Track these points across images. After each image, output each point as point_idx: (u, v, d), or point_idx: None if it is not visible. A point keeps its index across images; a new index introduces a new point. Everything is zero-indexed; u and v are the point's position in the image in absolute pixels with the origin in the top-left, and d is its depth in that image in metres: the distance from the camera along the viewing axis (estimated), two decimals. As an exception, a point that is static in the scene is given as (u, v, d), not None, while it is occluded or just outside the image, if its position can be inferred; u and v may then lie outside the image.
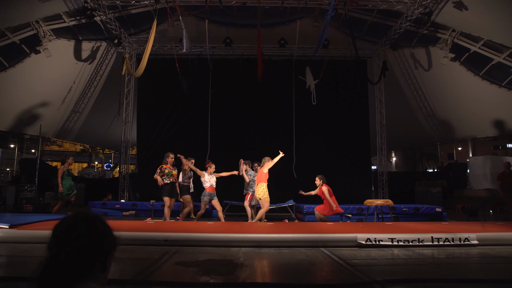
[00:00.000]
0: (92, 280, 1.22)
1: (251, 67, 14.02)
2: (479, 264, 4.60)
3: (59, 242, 1.23)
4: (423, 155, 34.90)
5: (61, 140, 31.47)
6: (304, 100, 14.47)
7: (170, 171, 9.53)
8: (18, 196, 13.26)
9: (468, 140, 21.44)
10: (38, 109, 15.12)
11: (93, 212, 1.35)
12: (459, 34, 13.19)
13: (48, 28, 13.09)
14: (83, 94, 16.17)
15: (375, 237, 5.40)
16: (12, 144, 31.20)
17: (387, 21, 13.72)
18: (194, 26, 13.92)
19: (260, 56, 12.80)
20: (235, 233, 5.95)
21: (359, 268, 4.07)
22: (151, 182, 14.14)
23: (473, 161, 18.67)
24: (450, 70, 14.27)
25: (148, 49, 11.66)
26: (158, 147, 14.48)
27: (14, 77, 13.44)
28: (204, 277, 3.67)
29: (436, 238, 5.41)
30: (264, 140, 14.29)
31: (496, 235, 5.86)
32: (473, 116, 15.35)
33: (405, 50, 15.01)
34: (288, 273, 4.01)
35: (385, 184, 15.07)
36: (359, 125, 15.35)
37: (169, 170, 9.52)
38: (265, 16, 13.19)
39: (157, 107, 15.10)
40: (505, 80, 13.23)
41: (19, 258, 4.73)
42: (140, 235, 5.69)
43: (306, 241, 5.55)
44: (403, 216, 11.15)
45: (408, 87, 16.18)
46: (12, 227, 5.82)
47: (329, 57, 13.72)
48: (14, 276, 3.59)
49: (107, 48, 15.15)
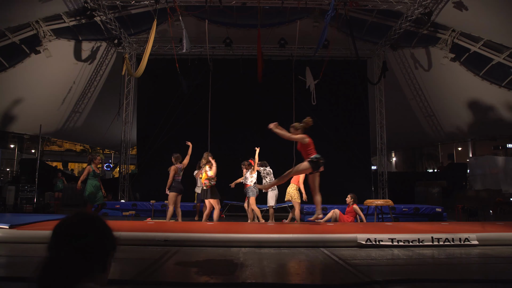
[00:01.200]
0: (92, 281, 1.22)
1: (251, 67, 14.02)
2: (479, 265, 4.60)
3: (59, 242, 1.23)
4: (423, 155, 34.89)
5: (61, 140, 31.53)
6: (304, 100, 14.47)
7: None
8: (18, 196, 13.27)
9: (468, 140, 21.46)
10: (38, 109, 15.12)
11: (93, 212, 1.35)
12: (459, 34, 13.20)
13: (48, 28, 13.10)
14: (83, 94, 16.18)
15: (375, 237, 5.40)
16: (12, 144, 31.20)
17: (387, 21, 13.73)
18: (194, 26, 13.93)
19: (260, 56, 12.80)
20: (235, 233, 5.94)
21: (359, 268, 4.06)
22: (151, 182, 14.17)
23: (473, 161, 18.69)
24: (450, 70, 14.28)
25: (148, 49, 11.67)
26: (158, 147, 14.49)
27: (14, 77, 13.45)
28: (204, 277, 3.67)
29: (436, 238, 5.40)
30: (264, 141, 14.27)
31: (496, 235, 5.85)
32: (473, 116, 15.36)
33: (405, 50, 15.02)
34: (288, 273, 4.00)
35: (385, 184, 15.07)
36: (359, 125, 15.35)
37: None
38: (265, 16, 13.20)
39: (157, 107, 15.10)
40: (505, 80, 13.24)
41: (19, 258, 4.73)
42: (140, 235, 5.68)
43: (306, 241, 5.55)
44: (403, 216, 11.15)
45: (408, 87, 16.18)
46: (12, 227, 5.82)
47: (329, 57, 13.73)
48: (14, 277, 3.59)
49: (107, 48, 15.16)
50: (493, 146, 26.96)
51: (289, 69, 15.00)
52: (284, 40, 14.37)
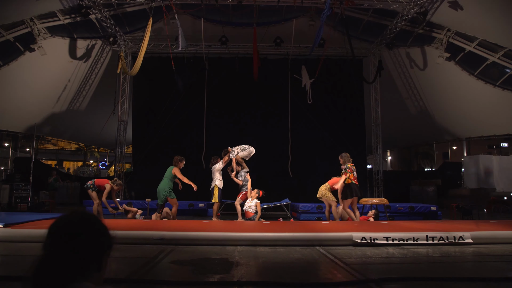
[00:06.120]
0: (87, 279, 1.22)
1: (247, 66, 14.01)
2: (473, 263, 4.63)
3: (54, 241, 1.23)
4: (418, 154, 35.08)
5: (56, 138, 31.40)
6: (300, 99, 14.48)
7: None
8: (12, 195, 13.18)
9: (463, 139, 21.57)
10: (32, 107, 15.02)
11: (88, 211, 1.35)
12: (454, 33, 13.25)
13: (42, 26, 13.00)
14: (78, 93, 16.09)
15: (370, 235, 5.42)
16: (7, 143, 31.04)
17: (382, 21, 13.76)
18: (189, 24, 13.89)
19: (256, 55, 12.79)
20: (230, 232, 5.95)
21: (354, 266, 4.08)
22: (146, 181, 14.12)
23: (468, 160, 18.80)
24: (445, 69, 14.33)
25: (143, 48, 11.62)
26: (153, 145, 14.45)
27: (8, 76, 13.34)
28: (199, 275, 3.67)
29: (431, 237, 5.44)
30: (259, 139, 14.29)
31: (490, 234, 5.89)
32: (468, 115, 15.44)
33: (400, 50, 15.06)
34: (284, 271, 4.01)
35: (380, 183, 15.12)
36: (355, 124, 15.39)
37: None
38: (261, 15, 13.19)
39: (153, 105, 15.06)
40: (500, 79, 13.31)
41: (14, 257, 4.70)
42: (135, 234, 5.67)
43: (301, 240, 5.56)
44: (398, 215, 11.20)
45: (403, 86, 16.23)
46: (7, 226, 5.79)
47: (324, 56, 13.74)
48: (8, 276, 3.57)
49: (102, 46, 15.08)
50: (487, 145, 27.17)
51: (285, 68, 15.00)
52: (280, 39, 14.37)
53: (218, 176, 9.59)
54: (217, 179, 9.54)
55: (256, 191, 9.51)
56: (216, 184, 9.48)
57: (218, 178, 9.56)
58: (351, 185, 8.61)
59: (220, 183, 9.55)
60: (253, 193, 9.44)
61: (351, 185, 8.61)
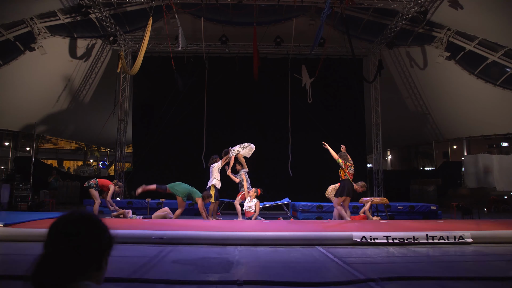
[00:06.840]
0: (88, 278, 1.22)
1: (247, 65, 14.01)
2: (474, 262, 4.63)
3: (55, 240, 1.23)
4: (418, 153, 35.09)
5: (56, 138, 31.39)
6: (300, 98, 14.48)
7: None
8: (12, 195, 13.19)
9: (463, 139, 21.57)
10: (32, 106, 15.02)
11: (88, 210, 1.35)
12: (455, 33, 13.24)
13: (42, 25, 13.00)
14: (78, 92, 16.09)
15: (371, 235, 5.42)
16: (7, 142, 31.05)
17: (383, 20, 13.75)
18: (190, 24, 13.89)
19: (256, 54, 12.78)
20: (230, 232, 5.95)
21: (354, 266, 4.08)
22: (146, 180, 14.10)
23: (468, 160, 18.80)
24: (445, 68, 14.32)
25: (143, 47, 11.62)
26: (153, 145, 14.44)
27: (8, 75, 13.33)
28: (199, 275, 3.67)
29: (431, 236, 5.44)
30: (259, 138, 14.28)
31: (490, 233, 5.89)
32: (468, 115, 15.42)
33: (400, 49, 15.05)
34: (284, 271, 4.01)
35: (380, 182, 15.12)
36: (355, 123, 15.39)
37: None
38: (261, 14, 13.17)
39: (153, 105, 15.06)
40: (500, 78, 13.30)
41: (14, 257, 4.71)
42: (136, 233, 5.67)
43: (301, 239, 5.56)
44: (398, 214, 11.20)
45: (403, 86, 16.22)
46: (7, 225, 5.79)
47: (325, 56, 13.74)
48: (9, 275, 3.58)
49: (102, 45, 15.08)
50: (487, 145, 27.17)
51: (285, 67, 14.99)
52: (280, 38, 14.36)
53: (216, 175, 9.58)
54: (214, 179, 9.53)
55: (254, 190, 9.51)
56: (213, 183, 9.48)
57: (215, 178, 9.55)
58: (346, 182, 8.64)
59: (217, 182, 9.54)
60: (251, 192, 9.45)
61: (346, 182, 8.64)
